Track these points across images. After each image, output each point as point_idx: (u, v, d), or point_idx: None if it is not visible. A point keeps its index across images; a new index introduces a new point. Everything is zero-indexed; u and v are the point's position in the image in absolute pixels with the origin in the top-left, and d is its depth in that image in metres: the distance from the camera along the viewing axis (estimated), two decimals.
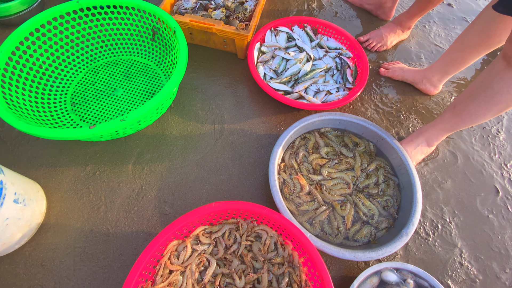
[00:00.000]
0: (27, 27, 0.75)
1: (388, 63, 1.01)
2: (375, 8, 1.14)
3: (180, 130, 0.83)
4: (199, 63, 0.97)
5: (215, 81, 0.93)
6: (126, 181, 0.74)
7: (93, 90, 0.87)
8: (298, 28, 1.00)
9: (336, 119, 0.78)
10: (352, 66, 0.93)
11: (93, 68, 0.91)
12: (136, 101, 0.85)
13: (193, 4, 0.92)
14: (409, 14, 1.00)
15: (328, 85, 0.87)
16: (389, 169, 0.76)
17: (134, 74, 0.91)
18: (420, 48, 1.08)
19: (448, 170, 0.83)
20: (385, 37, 1.04)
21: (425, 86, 0.93)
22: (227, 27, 0.85)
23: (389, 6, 1.10)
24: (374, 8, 1.14)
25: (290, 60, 0.92)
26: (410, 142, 0.80)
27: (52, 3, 1.08)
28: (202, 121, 0.85)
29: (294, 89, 0.87)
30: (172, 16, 0.84)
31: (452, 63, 0.84)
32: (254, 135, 0.84)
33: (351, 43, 0.96)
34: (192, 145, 0.80)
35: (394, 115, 0.91)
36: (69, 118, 0.81)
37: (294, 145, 0.78)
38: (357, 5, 1.18)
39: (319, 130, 0.81)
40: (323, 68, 0.91)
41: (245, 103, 0.90)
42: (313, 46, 0.97)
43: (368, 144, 0.79)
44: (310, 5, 1.17)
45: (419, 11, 0.97)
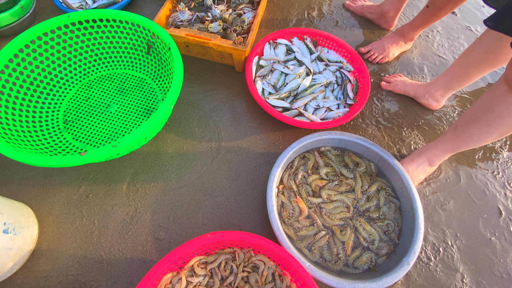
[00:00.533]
0: (16, 44, 0.72)
1: (390, 76, 0.98)
2: (377, 18, 1.11)
3: (176, 148, 0.81)
4: (195, 77, 0.94)
5: (212, 96, 0.91)
6: (120, 203, 0.72)
7: (87, 106, 0.85)
8: (298, 40, 0.97)
9: (336, 138, 0.76)
10: (353, 80, 0.91)
11: (86, 83, 0.89)
12: (130, 117, 0.83)
13: (189, 16, 0.89)
14: (412, 26, 0.97)
15: (328, 102, 0.85)
16: (390, 191, 0.74)
17: (129, 88, 0.89)
18: (423, 59, 1.06)
19: (450, 190, 0.81)
20: (387, 49, 1.01)
21: (427, 101, 0.91)
22: (224, 41, 0.82)
23: (391, 16, 1.07)
24: (376, 17, 1.11)
25: (289, 74, 0.90)
26: (412, 162, 0.78)
27: (44, 12, 1.05)
28: (199, 138, 0.83)
29: (293, 105, 0.84)
30: (167, 31, 0.81)
31: (456, 79, 0.82)
32: (251, 153, 0.81)
33: (352, 56, 0.93)
34: (188, 164, 0.78)
35: (396, 131, 0.89)
36: (62, 137, 0.78)
37: (293, 165, 0.76)
38: (358, 14, 1.15)
39: (319, 149, 0.79)
40: (323, 83, 0.89)
41: (243, 119, 0.87)
42: (313, 59, 0.95)
43: (369, 164, 0.77)
44: (310, 14, 1.14)
45: (423, 23, 0.94)
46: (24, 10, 0.94)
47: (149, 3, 1.11)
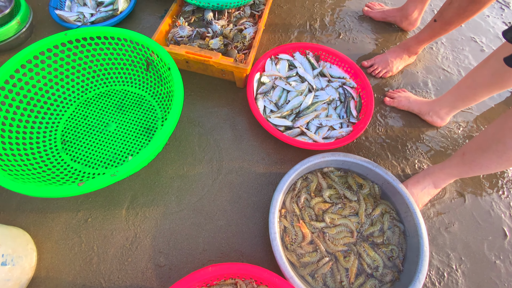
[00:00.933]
0: (12, 65, 0.70)
1: (394, 92, 0.97)
2: (400, 20, 1.10)
3: (176, 169, 0.79)
4: (196, 93, 0.92)
5: (213, 113, 0.89)
6: (120, 228, 0.70)
7: (85, 125, 0.83)
8: (300, 54, 0.96)
9: (339, 160, 0.75)
10: (356, 97, 0.89)
11: (85, 100, 0.87)
12: (130, 137, 0.81)
13: (189, 32, 0.87)
14: (418, 40, 0.95)
15: (331, 120, 0.83)
16: (394, 215, 0.73)
17: (128, 106, 0.87)
18: (427, 73, 1.04)
19: (455, 211, 0.80)
20: (391, 63, 0.99)
21: (431, 118, 0.89)
22: (225, 59, 0.80)
23: (415, 17, 1.07)
24: (399, 20, 1.10)
25: (291, 91, 0.88)
26: (417, 184, 0.77)
27: (41, 25, 1.03)
28: (199, 158, 0.81)
29: (295, 123, 0.83)
30: (167, 49, 0.80)
31: (461, 98, 0.80)
32: (253, 173, 0.80)
33: (355, 72, 0.91)
34: (188, 186, 0.77)
35: (400, 149, 0.87)
36: (60, 158, 0.77)
37: (296, 187, 0.75)
38: (379, 19, 1.14)
39: (322, 169, 0.78)
40: (325, 101, 0.87)
41: (244, 137, 0.86)
42: (315, 74, 0.93)
43: (373, 186, 0.76)
44: (312, 25, 1.12)
45: (429, 37, 0.92)
46: (20, 25, 0.92)
47: (148, 15, 1.09)
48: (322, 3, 1.20)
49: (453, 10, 0.79)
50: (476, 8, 0.75)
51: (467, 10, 0.77)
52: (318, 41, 1.08)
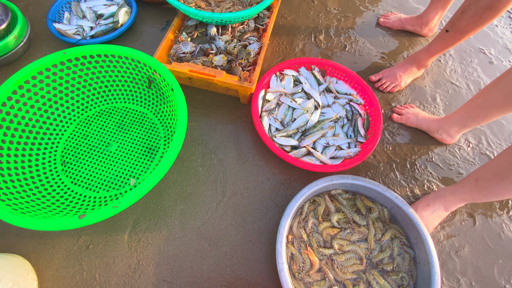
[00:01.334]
0: (9, 86, 0.68)
1: (401, 107, 0.94)
2: (420, 28, 1.09)
3: (179, 191, 0.77)
4: (199, 110, 0.90)
5: (216, 131, 0.87)
6: (122, 255, 0.68)
7: (85, 145, 0.81)
8: (305, 69, 0.93)
9: (348, 183, 0.73)
10: (364, 114, 0.87)
11: (85, 119, 0.85)
12: (132, 157, 0.79)
13: (192, 48, 0.84)
14: (429, 52, 0.92)
15: (338, 140, 0.81)
16: (404, 240, 0.71)
17: (129, 124, 0.85)
18: (435, 87, 1.02)
19: (465, 234, 0.78)
20: (399, 77, 0.97)
21: (441, 136, 0.87)
22: (230, 78, 0.78)
23: (435, 23, 1.07)
24: (419, 28, 1.09)
25: (296, 109, 0.86)
26: (427, 207, 0.75)
27: (39, 38, 1.01)
28: (203, 179, 0.79)
29: (302, 143, 0.80)
30: (169, 67, 0.77)
31: (472, 118, 0.78)
32: (258, 195, 0.78)
33: (362, 88, 0.89)
34: (192, 209, 0.75)
35: (409, 169, 0.85)
36: (60, 181, 0.75)
37: (303, 211, 0.73)
38: (397, 28, 1.13)
39: (329, 192, 0.76)
40: (332, 118, 0.85)
41: (248, 156, 0.84)
42: (321, 90, 0.90)
43: (382, 210, 0.74)
44: (317, 37, 1.09)
45: (441, 49, 0.89)
46: (17, 40, 0.90)
47: (149, 27, 1.06)
48: (327, 14, 1.17)
49: (467, 19, 0.76)
50: (492, 14, 0.72)
51: (482, 17, 0.74)
52: (323, 54, 1.06)
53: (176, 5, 0.79)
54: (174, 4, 0.79)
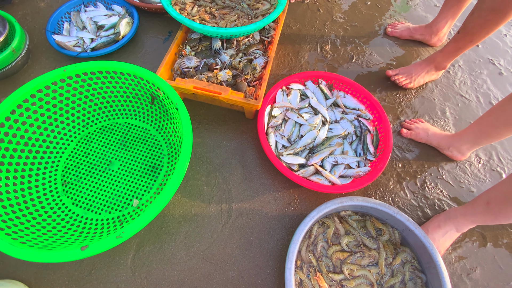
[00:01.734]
0: (7, 106, 0.65)
1: (410, 122, 0.92)
2: (429, 38, 1.07)
3: (183, 212, 0.75)
4: (203, 125, 0.88)
5: (221, 148, 0.85)
6: (125, 281, 0.66)
7: (87, 163, 0.78)
8: (312, 83, 0.91)
9: (358, 205, 0.71)
10: (372, 130, 0.84)
11: (86, 136, 0.82)
12: (134, 176, 0.77)
13: (197, 63, 0.82)
14: (443, 53, 0.92)
15: (347, 158, 0.79)
16: (416, 264, 0.69)
17: (132, 141, 0.82)
18: (445, 100, 0.99)
19: (477, 255, 0.76)
20: (415, 75, 0.97)
21: (451, 153, 0.85)
22: (235, 94, 0.75)
23: (445, 32, 1.05)
24: (428, 36, 1.07)
25: (304, 125, 0.83)
26: (438, 229, 0.73)
27: (38, 50, 0.98)
28: (208, 199, 0.77)
29: (309, 161, 0.78)
30: (173, 84, 0.75)
31: (484, 136, 0.76)
32: (265, 216, 0.76)
33: (371, 103, 0.86)
34: (196, 232, 0.73)
35: (419, 187, 0.83)
36: (60, 202, 0.72)
37: (312, 234, 0.71)
38: (405, 38, 1.11)
39: (339, 213, 0.74)
40: (340, 135, 0.83)
41: (254, 174, 0.81)
42: (328, 105, 0.88)
43: (393, 232, 0.71)
44: (323, 48, 1.07)
45: (455, 50, 0.88)
46: (16, 53, 0.87)
47: (151, 38, 1.04)
48: (333, 23, 1.14)
49: (473, 21, 0.78)
50: (498, 18, 0.72)
51: (487, 19, 0.74)
52: (329, 66, 1.03)
53: (180, 19, 0.76)
54: (178, 18, 0.76)
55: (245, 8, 0.88)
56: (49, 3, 1.09)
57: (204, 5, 0.88)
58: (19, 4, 1.09)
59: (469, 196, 0.84)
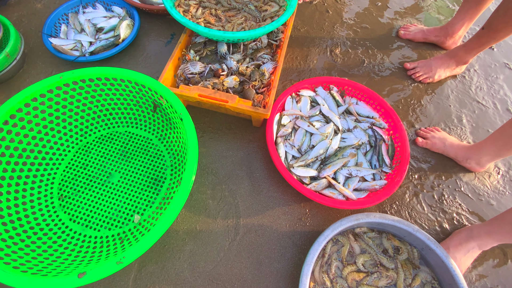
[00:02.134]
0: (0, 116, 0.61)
1: (426, 130, 0.87)
2: (444, 40, 1.03)
3: (187, 228, 0.70)
4: (208, 134, 0.83)
5: (227, 158, 0.80)
6: None
7: (85, 175, 0.74)
8: (323, 89, 0.86)
9: (375, 222, 0.66)
10: (387, 139, 0.80)
11: (84, 146, 0.78)
12: (135, 189, 0.72)
13: (201, 69, 0.77)
14: (466, 48, 0.89)
15: (362, 171, 0.74)
16: (437, 286, 0.64)
17: (133, 151, 0.78)
18: (461, 106, 0.95)
19: (498, 273, 0.71)
20: (434, 69, 0.94)
21: (470, 164, 0.81)
22: (243, 103, 0.71)
23: (460, 35, 1.01)
24: (443, 38, 1.03)
25: (315, 134, 0.79)
26: (459, 247, 0.68)
27: (34, 53, 0.93)
28: (214, 214, 0.72)
29: (322, 173, 0.74)
30: (177, 92, 0.70)
31: (507, 148, 0.71)
32: (275, 232, 0.71)
33: (386, 111, 0.82)
34: (202, 250, 0.68)
35: (436, 200, 0.79)
36: (57, 218, 0.68)
37: (325, 253, 0.66)
38: (419, 40, 1.06)
39: (353, 230, 0.69)
40: (354, 145, 0.78)
41: (263, 187, 0.77)
42: (340, 112, 0.84)
43: (411, 251, 0.67)
44: (333, 51, 1.02)
45: (478, 46, 0.86)
46: (10, 58, 0.82)
47: (153, 41, 0.99)
48: (343, 25, 1.09)
49: (499, 18, 0.77)
50: None
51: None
52: (339, 70, 0.99)
53: (184, 23, 0.71)
54: (182, 22, 0.71)
55: (253, 10, 0.83)
56: (46, 4, 1.04)
57: (209, 7, 0.83)
58: (14, 5, 1.04)
59: (489, 209, 0.79)
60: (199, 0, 0.84)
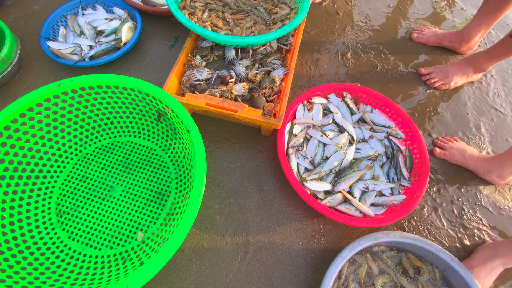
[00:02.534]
0: None
1: (444, 140, 0.83)
2: (459, 45, 0.98)
3: (193, 246, 0.66)
4: (214, 144, 0.79)
5: (235, 170, 0.76)
6: None
7: (84, 189, 0.69)
8: (336, 96, 0.82)
9: (395, 241, 0.62)
10: (404, 150, 0.76)
11: (84, 157, 0.73)
12: (138, 204, 0.68)
13: (208, 75, 0.73)
14: (488, 55, 0.85)
15: (379, 185, 0.70)
16: None
17: (135, 162, 0.74)
18: (478, 114, 0.90)
19: None
20: (451, 76, 0.90)
21: (491, 177, 0.76)
22: (253, 112, 0.66)
23: (476, 41, 0.96)
24: (457, 44, 0.98)
25: (328, 144, 0.74)
26: (483, 266, 0.64)
27: (31, 57, 0.89)
28: (221, 231, 0.68)
29: (337, 187, 0.69)
30: (183, 101, 0.66)
31: None
32: (287, 251, 0.67)
33: (403, 120, 0.77)
34: (209, 270, 0.64)
35: (456, 215, 0.74)
36: (55, 236, 0.64)
37: (342, 274, 0.62)
38: (433, 44, 1.02)
39: (371, 249, 0.65)
40: (370, 156, 0.74)
41: (273, 201, 0.73)
42: (354, 120, 0.79)
43: (433, 271, 0.63)
44: (344, 55, 0.98)
45: (501, 54, 0.82)
46: (5, 63, 0.78)
47: (156, 44, 0.94)
48: (354, 27, 1.05)
49: None
50: None
51: None
52: (351, 75, 0.94)
53: (190, 27, 0.67)
54: (189, 26, 0.67)
55: (262, 13, 0.78)
56: (44, 5, 1.00)
57: (216, 9, 0.79)
58: (11, 6, 0.99)
59: (510, 224, 0.75)
60: (205, 2, 0.79)
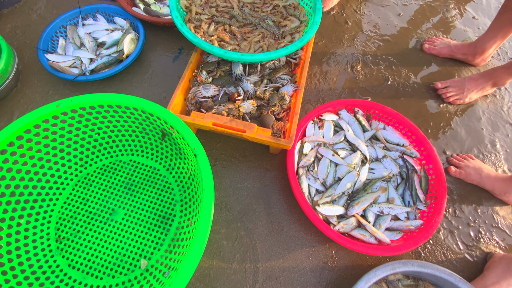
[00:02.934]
0: None
1: (459, 158, 0.80)
2: (472, 58, 0.95)
3: (199, 275, 0.63)
4: (221, 163, 0.75)
5: (242, 191, 0.73)
6: None
7: (85, 212, 0.66)
8: (347, 112, 0.78)
9: (413, 271, 0.59)
10: (419, 170, 0.72)
11: (84, 177, 0.70)
12: (141, 228, 0.65)
13: (215, 92, 0.69)
14: (510, 70, 0.81)
15: (395, 208, 0.66)
16: None
17: (138, 183, 0.70)
18: (494, 130, 0.87)
19: None
20: (467, 91, 0.87)
21: (508, 198, 0.73)
22: (262, 132, 0.63)
23: (490, 53, 0.93)
24: (471, 57, 0.95)
25: (340, 164, 0.71)
26: (498, 285, 0.61)
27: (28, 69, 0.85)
28: (229, 257, 0.65)
29: (350, 211, 0.66)
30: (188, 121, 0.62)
31: None
32: (298, 280, 0.64)
33: (418, 138, 0.74)
34: None
35: (473, 238, 0.71)
36: (54, 264, 0.60)
37: None
38: (445, 56, 0.99)
39: (387, 277, 0.62)
40: (384, 177, 0.71)
41: (283, 224, 0.69)
42: (367, 138, 0.76)
43: None
44: (354, 67, 0.94)
45: None
46: (1, 78, 0.74)
47: (159, 56, 0.91)
48: (363, 37, 1.02)
49: None
50: None
51: None
52: (361, 89, 0.91)
53: (197, 43, 0.63)
54: (195, 42, 0.63)
55: (271, 26, 0.75)
56: (42, 15, 0.96)
57: (223, 22, 0.75)
58: (8, 15, 0.96)
59: None
60: (211, 15, 0.75)
